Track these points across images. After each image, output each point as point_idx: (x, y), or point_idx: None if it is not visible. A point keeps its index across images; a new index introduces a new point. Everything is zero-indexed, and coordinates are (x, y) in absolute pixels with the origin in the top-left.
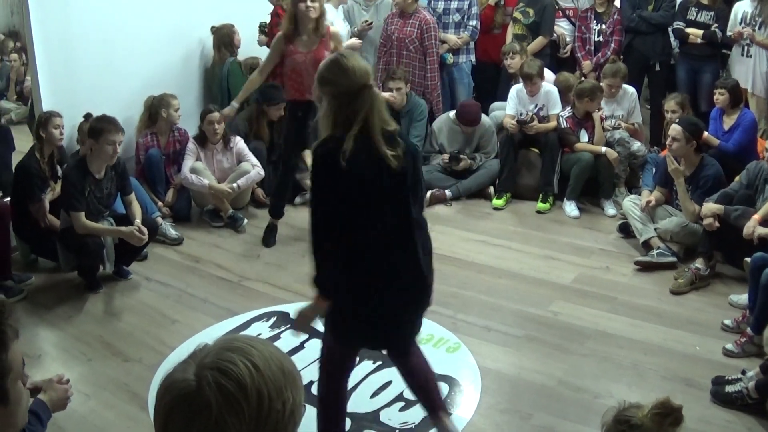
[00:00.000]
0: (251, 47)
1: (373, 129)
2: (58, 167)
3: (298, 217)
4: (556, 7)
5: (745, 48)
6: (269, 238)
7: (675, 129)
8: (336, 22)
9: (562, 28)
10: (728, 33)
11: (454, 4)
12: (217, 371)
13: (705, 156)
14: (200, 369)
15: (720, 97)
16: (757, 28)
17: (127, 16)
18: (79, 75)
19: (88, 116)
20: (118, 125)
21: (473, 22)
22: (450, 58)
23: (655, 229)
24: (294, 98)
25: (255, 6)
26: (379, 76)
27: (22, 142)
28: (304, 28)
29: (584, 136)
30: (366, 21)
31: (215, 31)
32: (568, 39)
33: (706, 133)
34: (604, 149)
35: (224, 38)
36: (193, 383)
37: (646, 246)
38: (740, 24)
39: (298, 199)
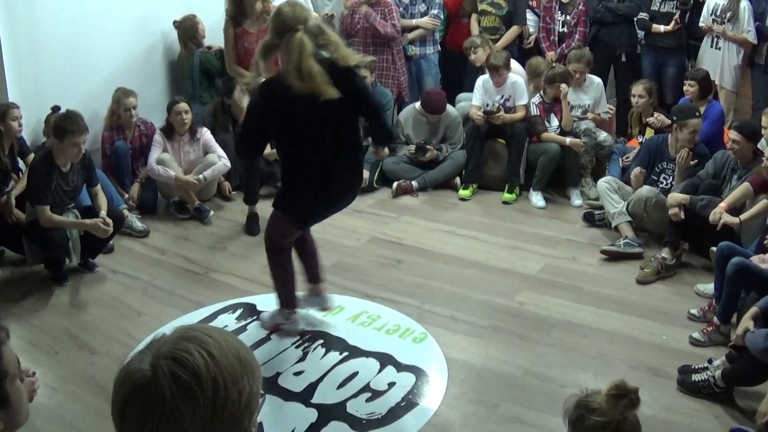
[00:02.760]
0: (218, 35)
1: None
2: (20, 159)
3: (264, 208)
4: None
5: (714, 39)
6: (252, 226)
7: (692, 122)
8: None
9: (527, 19)
10: (700, 23)
11: None
12: (172, 361)
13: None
14: (156, 359)
15: (690, 88)
16: (726, 21)
17: (93, 7)
18: (45, 66)
19: (55, 108)
20: (82, 126)
21: (435, 11)
22: (412, 50)
23: (629, 201)
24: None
25: None
26: None
27: None
28: (251, 10)
29: (554, 121)
30: (327, 14)
31: (178, 25)
32: (531, 30)
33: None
34: (568, 140)
35: (188, 31)
36: (149, 373)
37: (617, 230)
38: (710, 15)
39: (263, 190)
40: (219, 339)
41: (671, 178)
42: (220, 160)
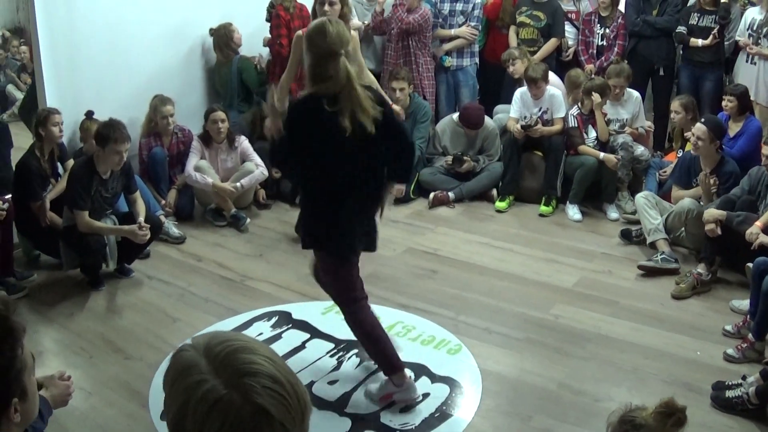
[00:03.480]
0: (255, 45)
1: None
2: (59, 164)
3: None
4: None
5: (750, 55)
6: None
7: (700, 129)
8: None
9: (565, 31)
10: (737, 38)
11: (459, 6)
12: (249, 376)
13: (724, 155)
14: (230, 380)
15: (729, 104)
16: (763, 36)
17: (131, 14)
18: (83, 72)
19: (89, 114)
20: (125, 134)
21: (473, 23)
22: (449, 61)
23: (669, 214)
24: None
25: (256, 2)
26: (382, 76)
27: (25, 138)
28: None
29: (592, 133)
30: (366, 23)
31: (213, 32)
32: (570, 42)
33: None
34: (602, 155)
35: (223, 38)
36: (235, 395)
37: (653, 247)
38: (747, 30)
39: (299, 199)
40: (253, 342)
41: None
42: (258, 168)
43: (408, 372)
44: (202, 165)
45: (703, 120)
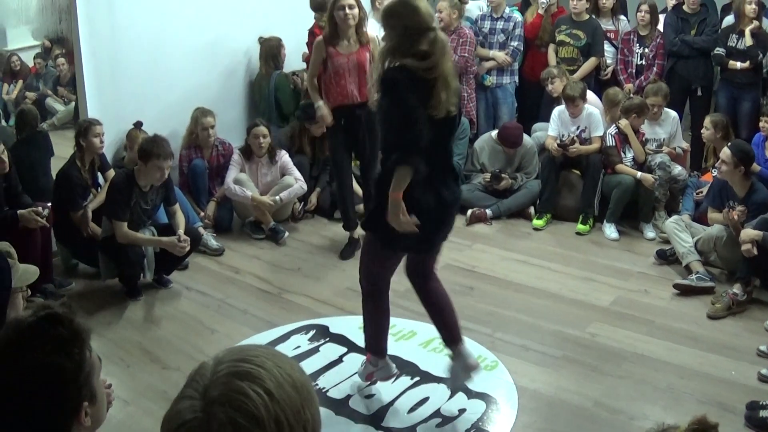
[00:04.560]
0: (296, 61)
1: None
2: (99, 175)
3: (337, 231)
4: None
5: None
6: (346, 251)
7: (725, 152)
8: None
9: (605, 50)
10: None
11: (499, 25)
12: (228, 407)
13: (755, 181)
14: (209, 405)
15: (766, 125)
16: None
17: (173, 26)
18: (125, 83)
19: (138, 124)
20: (168, 151)
21: (515, 43)
22: (489, 80)
23: (698, 239)
24: (336, 104)
25: (300, 20)
26: None
27: (65, 147)
28: (344, 34)
29: (630, 152)
30: None
31: (263, 42)
32: (609, 61)
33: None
34: (639, 174)
35: (272, 50)
36: (204, 422)
37: (688, 269)
38: None
39: (336, 214)
40: (272, 369)
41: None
42: (297, 182)
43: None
44: (242, 178)
45: (730, 144)
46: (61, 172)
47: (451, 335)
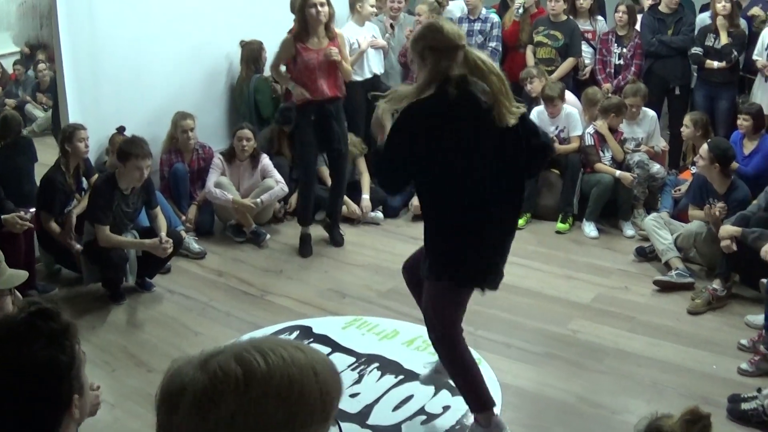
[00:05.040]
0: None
1: (472, 84)
2: (84, 179)
3: (318, 233)
4: None
5: None
6: (305, 248)
7: (703, 148)
8: (359, 38)
9: (582, 51)
10: (754, 57)
11: (477, 26)
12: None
13: (735, 179)
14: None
15: (744, 123)
16: None
17: (154, 31)
18: (106, 88)
19: (121, 129)
20: (146, 150)
21: (493, 44)
22: None
23: (678, 236)
24: (306, 100)
25: (281, 23)
26: None
27: (45, 154)
28: (314, 31)
29: (608, 151)
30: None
31: (245, 45)
32: (587, 62)
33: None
34: (618, 173)
35: (253, 53)
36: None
37: (667, 266)
38: (766, 50)
39: (318, 215)
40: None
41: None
42: (278, 184)
43: (496, 410)
44: (223, 181)
45: (709, 140)
46: (46, 178)
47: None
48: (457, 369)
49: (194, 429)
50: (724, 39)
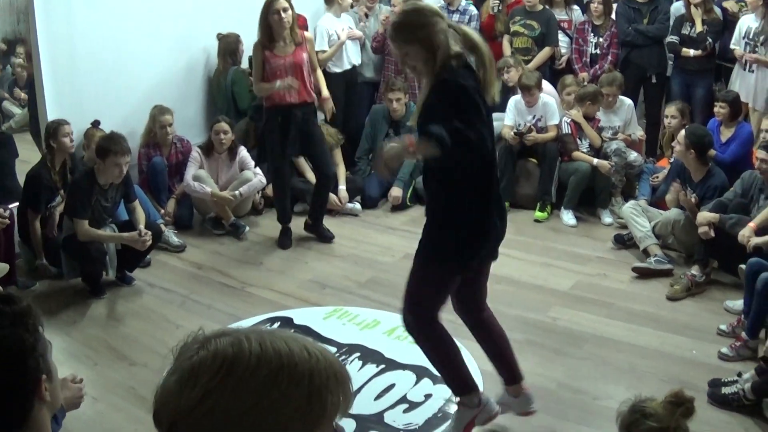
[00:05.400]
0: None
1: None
2: (70, 176)
3: (298, 225)
4: None
5: (748, 63)
6: (284, 240)
7: (681, 133)
8: (337, 29)
9: (559, 40)
10: (732, 46)
11: (455, 17)
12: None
13: (712, 165)
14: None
15: (721, 110)
16: (760, 44)
17: (131, 25)
18: (83, 83)
19: (96, 123)
20: (125, 146)
21: None
22: None
23: (656, 223)
24: (274, 104)
25: (258, 17)
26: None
27: (23, 150)
28: (279, 36)
29: (586, 140)
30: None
31: (222, 38)
32: (563, 51)
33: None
34: (595, 161)
35: (230, 46)
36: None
37: (646, 253)
38: (743, 38)
39: (297, 207)
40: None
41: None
42: (256, 176)
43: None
44: (201, 174)
45: (687, 127)
46: (31, 174)
47: (511, 374)
48: (433, 351)
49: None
50: (699, 27)
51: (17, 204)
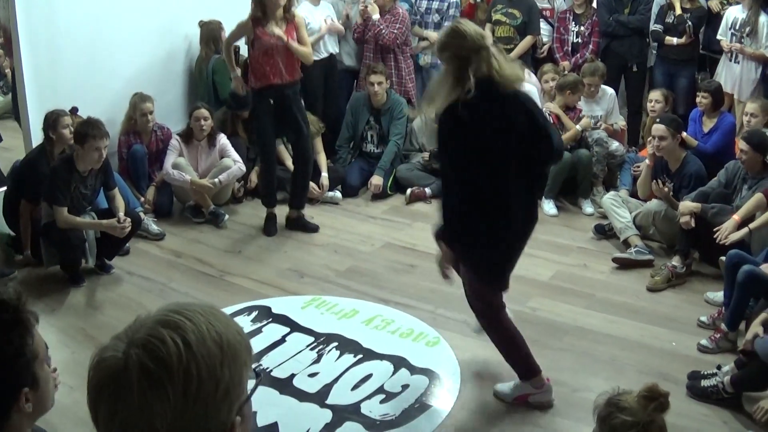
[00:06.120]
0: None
1: (496, 82)
2: None
3: (278, 213)
4: None
5: (733, 53)
6: (270, 227)
7: (659, 129)
8: (315, 19)
9: (541, 29)
10: (718, 37)
11: (434, 4)
12: (142, 349)
13: (688, 153)
14: (129, 346)
15: (703, 100)
16: (746, 35)
17: (113, 12)
18: (64, 71)
19: (74, 110)
20: (103, 130)
21: (448, 23)
22: (424, 60)
23: (637, 214)
24: (265, 84)
25: (240, 5)
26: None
27: (6, 138)
28: (272, 14)
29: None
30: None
31: (203, 25)
32: (545, 39)
33: (685, 133)
34: (578, 125)
35: (212, 33)
36: (121, 362)
37: (626, 244)
38: (729, 29)
39: (278, 195)
40: (200, 323)
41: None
42: (235, 164)
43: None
44: (181, 162)
45: (658, 120)
46: (27, 161)
47: (527, 369)
48: (497, 335)
49: (151, 403)
50: (678, 10)
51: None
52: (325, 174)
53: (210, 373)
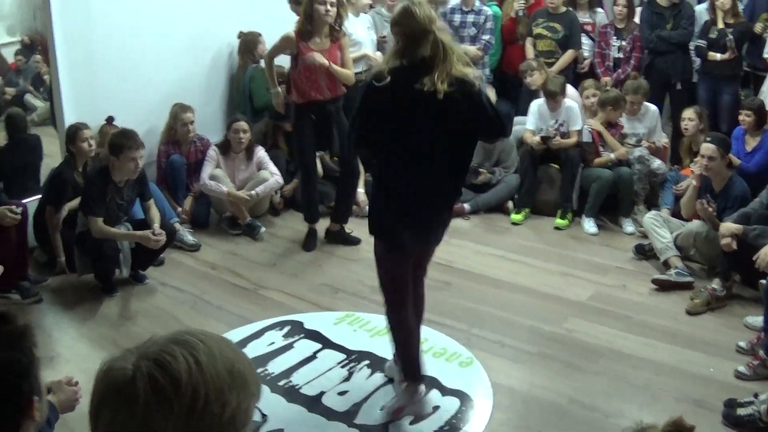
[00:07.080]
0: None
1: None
2: None
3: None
4: None
5: None
6: (309, 243)
7: (709, 148)
8: (357, 29)
9: (582, 43)
10: (765, 55)
11: (470, 18)
12: (153, 363)
13: (734, 174)
14: (139, 359)
15: (746, 118)
16: None
17: (150, 22)
18: (101, 80)
19: (110, 119)
20: (138, 141)
21: (486, 36)
22: None
23: (678, 234)
24: (307, 100)
25: (281, 16)
26: None
27: (46, 144)
28: (318, 30)
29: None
30: (383, 35)
31: (242, 36)
32: (586, 54)
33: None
34: (613, 155)
35: (249, 44)
36: (129, 372)
37: (666, 265)
38: None
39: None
40: (212, 346)
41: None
42: (273, 176)
43: (422, 387)
44: (218, 173)
45: (708, 139)
46: (55, 172)
47: (411, 370)
48: (394, 331)
49: (154, 416)
50: (720, 24)
51: (33, 199)
52: (362, 190)
53: (217, 396)
